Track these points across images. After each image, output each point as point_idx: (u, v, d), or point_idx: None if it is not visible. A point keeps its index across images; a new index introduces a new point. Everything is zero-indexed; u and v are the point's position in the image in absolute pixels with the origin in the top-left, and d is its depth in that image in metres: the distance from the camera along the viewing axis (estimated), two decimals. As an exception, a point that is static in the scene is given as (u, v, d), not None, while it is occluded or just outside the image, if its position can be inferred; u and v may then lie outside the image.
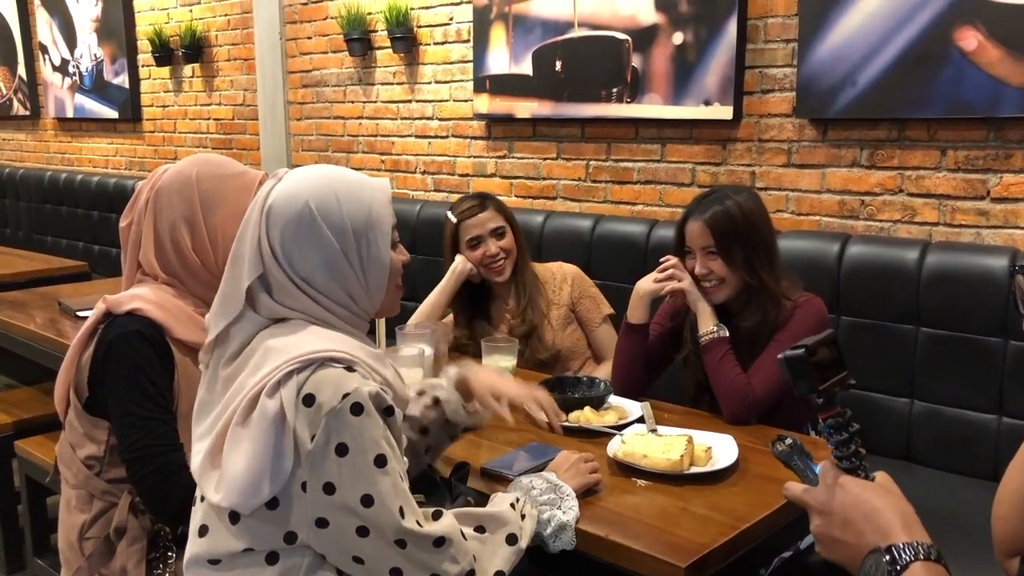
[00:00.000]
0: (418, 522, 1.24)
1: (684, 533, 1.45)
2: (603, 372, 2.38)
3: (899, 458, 2.45)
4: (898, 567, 0.86)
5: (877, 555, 0.88)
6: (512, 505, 1.41)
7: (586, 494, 1.57)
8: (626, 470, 1.68)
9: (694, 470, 1.67)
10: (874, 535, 0.90)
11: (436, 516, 1.29)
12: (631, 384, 2.18)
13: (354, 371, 1.24)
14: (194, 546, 1.30)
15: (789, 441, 1.09)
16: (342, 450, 1.19)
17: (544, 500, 1.48)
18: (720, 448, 1.75)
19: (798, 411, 2.06)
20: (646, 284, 2.16)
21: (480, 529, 1.35)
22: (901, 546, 0.87)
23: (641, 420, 1.91)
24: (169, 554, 1.70)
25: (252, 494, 1.20)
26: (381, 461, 1.21)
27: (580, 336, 2.61)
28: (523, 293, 2.57)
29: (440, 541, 1.25)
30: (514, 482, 1.53)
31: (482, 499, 1.52)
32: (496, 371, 1.68)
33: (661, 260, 2.16)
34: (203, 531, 1.29)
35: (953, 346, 2.35)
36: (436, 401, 1.63)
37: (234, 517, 1.24)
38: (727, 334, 2.06)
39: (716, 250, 2.06)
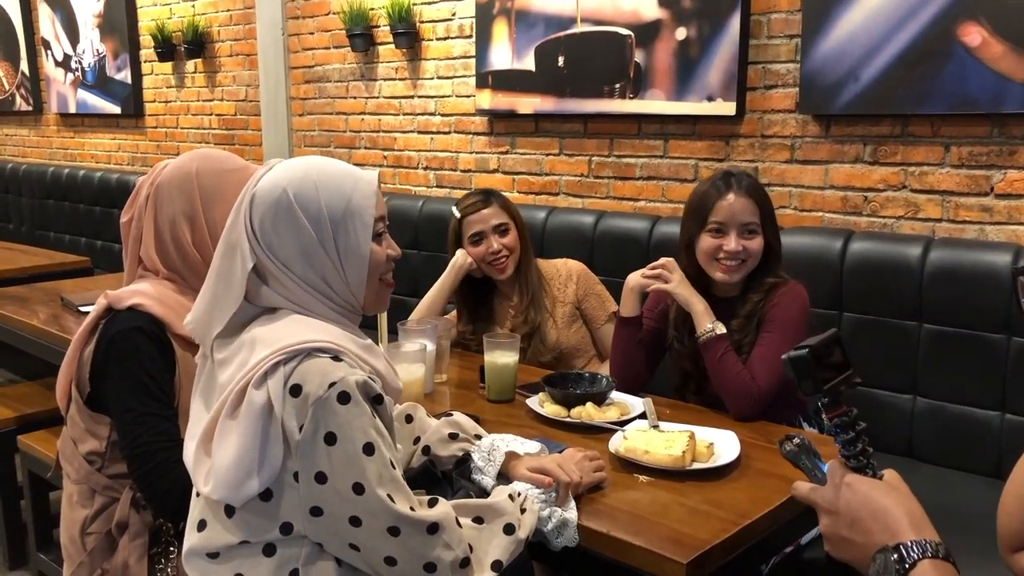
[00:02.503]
0: (411, 507, 1.24)
1: (686, 529, 1.45)
2: (607, 369, 2.38)
3: (901, 455, 2.44)
4: (906, 565, 0.86)
5: (885, 553, 0.88)
6: (511, 497, 1.41)
7: (590, 490, 1.57)
8: (628, 466, 1.68)
9: (696, 466, 1.66)
10: (882, 534, 0.90)
11: (431, 504, 1.29)
12: (629, 378, 2.18)
13: (341, 361, 1.25)
14: (192, 539, 1.30)
15: (797, 440, 1.08)
16: (330, 439, 1.20)
17: (545, 498, 1.48)
18: (722, 444, 1.75)
19: (785, 404, 2.07)
20: (635, 278, 2.17)
21: (478, 520, 1.36)
22: (909, 544, 0.87)
23: (643, 416, 1.91)
24: (171, 549, 1.71)
25: (241, 486, 1.21)
26: (369, 449, 1.22)
27: (585, 334, 2.60)
28: (526, 291, 2.55)
29: (434, 527, 1.25)
30: (516, 481, 1.53)
31: (483, 494, 1.52)
32: (533, 457, 1.58)
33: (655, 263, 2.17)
34: (201, 525, 1.29)
35: (956, 343, 2.35)
36: (466, 456, 1.58)
37: (229, 511, 1.25)
38: (724, 331, 2.05)
39: (759, 227, 2.07)
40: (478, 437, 1.62)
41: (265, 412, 1.21)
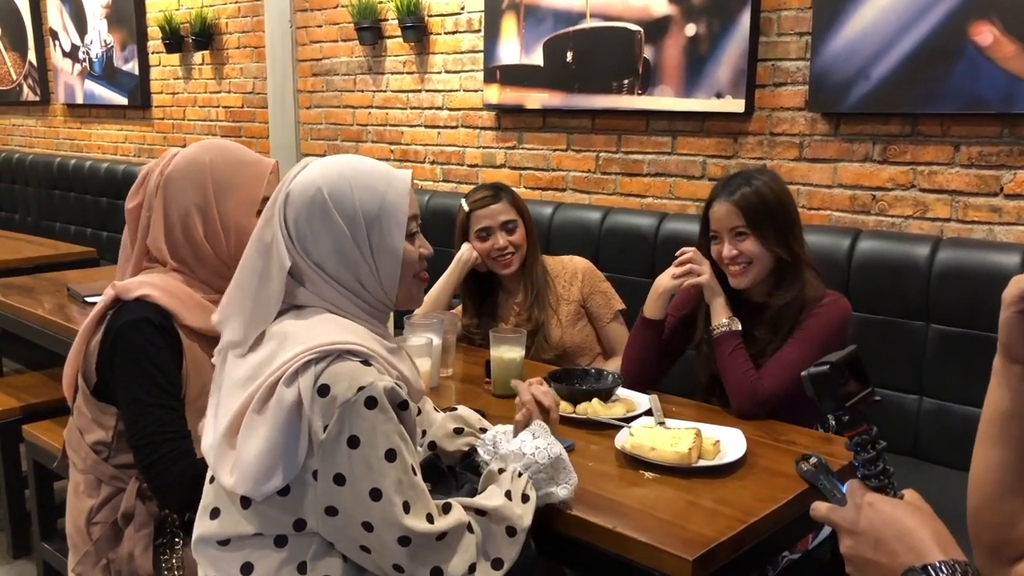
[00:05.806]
0: (429, 515, 1.25)
1: (692, 526, 1.45)
2: (612, 367, 2.37)
3: (907, 455, 2.44)
4: None
5: (913, 575, 0.87)
6: (508, 494, 1.38)
7: (597, 487, 1.56)
8: (634, 462, 1.68)
9: (702, 463, 1.66)
10: (908, 554, 0.88)
11: (446, 509, 1.29)
12: (642, 378, 2.16)
13: (370, 365, 1.25)
14: (204, 526, 1.30)
15: (814, 460, 1.05)
16: (354, 442, 1.20)
17: (545, 476, 1.44)
18: (728, 442, 1.74)
19: (801, 408, 2.05)
20: (665, 280, 2.13)
21: (482, 520, 1.35)
22: (938, 565, 0.85)
23: (649, 413, 1.90)
24: (176, 540, 1.71)
25: (264, 482, 1.21)
26: (391, 456, 1.22)
27: (589, 332, 2.59)
28: (531, 289, 2.54)
29: (443, 535, 1.25)
30: (512, 455, 1.46)
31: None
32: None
33: (677, 253, 2.13)
34: (215, 513, 1.29)
35: (963, 343, 2.34)
36: (472, 450, 1.60)
37: (245, 502, 1.26)
38: (739, 327, 2.03)
39: (747, 230, 2.03)
40: (483, 431, 1.62)
41: (294, 410, 1.22)
